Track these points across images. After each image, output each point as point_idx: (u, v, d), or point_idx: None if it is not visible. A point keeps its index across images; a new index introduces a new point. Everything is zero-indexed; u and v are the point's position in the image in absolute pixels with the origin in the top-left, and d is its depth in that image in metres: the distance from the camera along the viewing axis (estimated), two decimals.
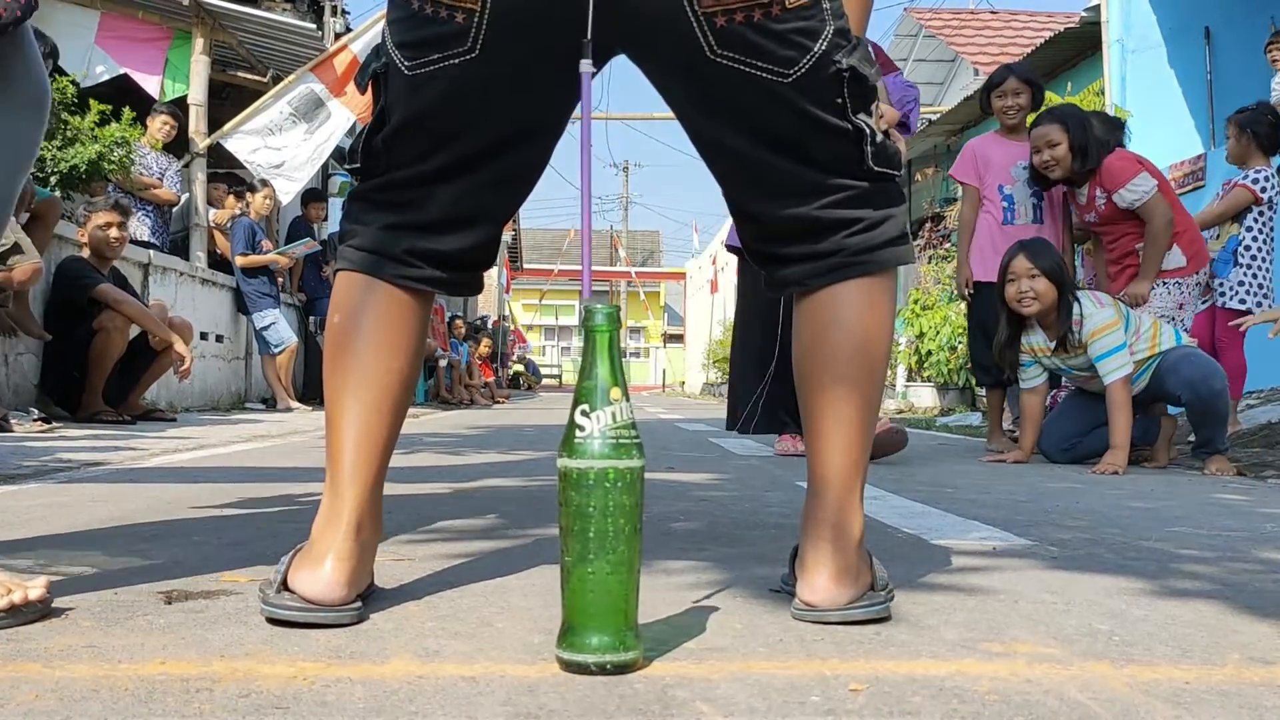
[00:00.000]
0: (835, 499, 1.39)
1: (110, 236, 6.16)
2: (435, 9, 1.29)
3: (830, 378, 1.40)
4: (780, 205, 1.40)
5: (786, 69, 1.30)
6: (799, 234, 1.41)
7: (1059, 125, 4.81)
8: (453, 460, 4.31)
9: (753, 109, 1.34)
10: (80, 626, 1.31)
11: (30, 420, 5.03)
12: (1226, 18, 10.11)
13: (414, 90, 1.35)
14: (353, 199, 1.46)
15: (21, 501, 2.60)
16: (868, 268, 1.40)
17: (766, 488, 3.29)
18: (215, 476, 3.35)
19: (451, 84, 1.33)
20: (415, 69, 1.33)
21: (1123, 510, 2.84)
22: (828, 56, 1.31)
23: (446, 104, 1.35)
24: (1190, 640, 1.35)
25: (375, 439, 1.40)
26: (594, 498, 1.12)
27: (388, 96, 1.38)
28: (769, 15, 1.27)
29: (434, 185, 1.40)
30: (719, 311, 28.79)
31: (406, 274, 1.41)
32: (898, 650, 1.26)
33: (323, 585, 1.33)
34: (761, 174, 1.39)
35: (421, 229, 1.41)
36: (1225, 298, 5.47)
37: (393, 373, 1.41)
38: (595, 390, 1.14)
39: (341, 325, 1.42)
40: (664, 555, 1.91)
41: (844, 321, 1.40)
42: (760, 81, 1.30)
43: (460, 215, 1.43)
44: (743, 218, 1.47)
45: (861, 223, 1.40)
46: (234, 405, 9.06)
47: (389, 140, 1.39)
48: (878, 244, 1.41)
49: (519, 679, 1.12)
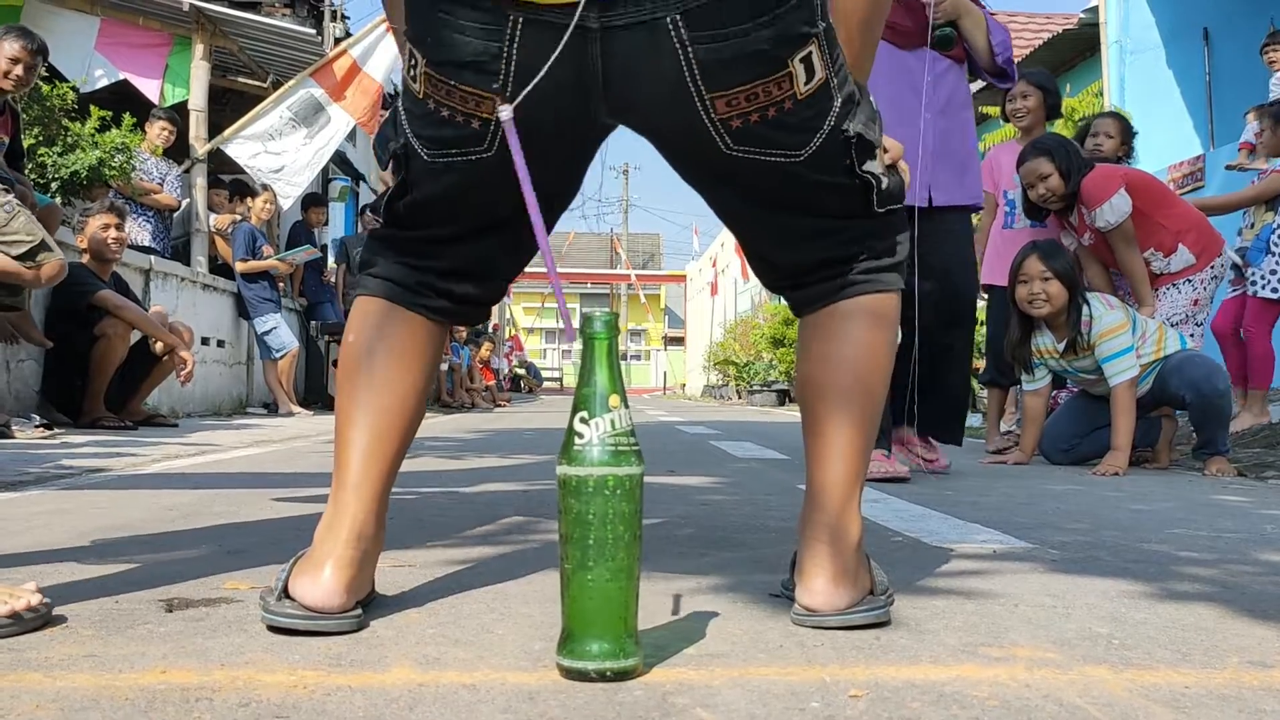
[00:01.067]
0: (834, 506, 1.39)
1: (109, 238, 6.17)
2: (452, 113, 1.31)
3: (833, 391, 1.42)
4: (794, 252, 1.46)
5: (798, 151, 1.33)
6: (811, 270, 1.46)
7: (1045, 157, 4.72)
8: (453, 464, 4.31)
9: (766, 185, 1.38)
10: (80, 635, 1.31)
11: (32, 426, 5.04)
12: (1225, 19, 10.12)
13: (433, 174, 1.38)
14: (375, 238, 1.52)
15: (23, 509, 2.60)
16: (873, 286, 1.45)
17: (767, 491, 3.29)
18: (217, 482, 3.35)
19: (471, 174, 1.37)
20: (434, 159, 1.37)
21: (1122, 512, 2.84)
22: (836, 129, 1.34)
23: (466, 190, 1.39)
24: (1190, 644, 1.35)
25: (384, 453, 1.42)
26: (593, 505, 1.13)
27: (408, 174, 1.41)
28: (782, 110, 1.29)
29: (455, 244, 1.46)
30: (719, 314, 28.82)
31: (423, 303, 1.47)
32: (898, 655, 1.27)
33: (323, 592, 1.33)
34: (776, 230, 1.45)
35: (438, 274, 1.47)
36: (1257, 286, 5.48)
37: (406, 390, 1.44)
38: (594, 397, 1.14)
39: (357, 343, 1.45)
40: (664, 559, 1.91)
41: (848, 338, 1.43)
42: (774, 163, 1.33)
43: (475, 270, 1.49)
44: (758, 261, 1.53)
45: (871, 251, 1.45)
46: (235, 410, 9.07)
47: (410, 209, 1.44)
48: (884, 266, 1.46)
49: (519, 686, 1.12)
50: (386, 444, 1.42)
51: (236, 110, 9.61)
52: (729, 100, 1.26)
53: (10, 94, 5.48)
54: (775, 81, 1.26)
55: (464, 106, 1.29)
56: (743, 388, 20.23)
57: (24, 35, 5.50)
